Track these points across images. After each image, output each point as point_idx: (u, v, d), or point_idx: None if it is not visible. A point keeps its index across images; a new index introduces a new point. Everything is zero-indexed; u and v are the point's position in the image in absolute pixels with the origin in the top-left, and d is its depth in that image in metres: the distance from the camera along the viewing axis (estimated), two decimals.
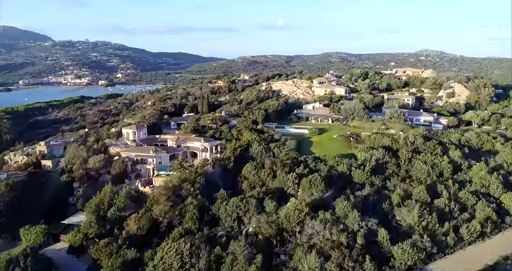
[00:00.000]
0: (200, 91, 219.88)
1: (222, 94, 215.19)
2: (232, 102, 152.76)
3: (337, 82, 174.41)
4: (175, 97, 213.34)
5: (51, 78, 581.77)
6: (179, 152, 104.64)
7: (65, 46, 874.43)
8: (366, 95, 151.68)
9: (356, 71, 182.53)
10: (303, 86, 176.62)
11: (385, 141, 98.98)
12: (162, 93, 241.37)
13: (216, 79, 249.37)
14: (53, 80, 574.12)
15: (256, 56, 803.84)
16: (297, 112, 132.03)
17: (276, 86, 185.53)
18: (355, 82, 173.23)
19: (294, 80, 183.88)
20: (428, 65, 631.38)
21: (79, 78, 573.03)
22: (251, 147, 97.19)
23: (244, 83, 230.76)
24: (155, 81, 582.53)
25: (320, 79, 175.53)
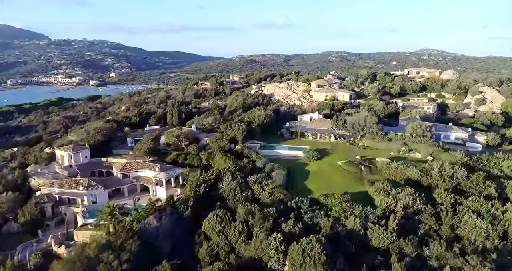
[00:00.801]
0: (182, 94, 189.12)
1: (208, 98, 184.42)
2: (212, 110, 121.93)
3: (339, 86, 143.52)
4: (153, 101, 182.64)
5: (41, 77, 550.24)
6: (125, 186, 74.20)
7: (61, 45, 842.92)
8: (376, 102, 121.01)
9: (362, 72, 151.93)
10: (300, 90, 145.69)
11: (411, 173, 68.46)
12: (142, 95, 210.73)
13: (203, 80, 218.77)
14: (42, 79, 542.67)
15: (254, 55, 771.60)
16: (290, 125, 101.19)
17: (267, 89, 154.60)
18: (361, 85, 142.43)
19: (289, 83, 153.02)
20: (430, 64, 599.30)
21: (70, 78, 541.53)
22: (222, 182, 66.83)
23: (233, 85, 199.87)
24: (149, 81, 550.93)
25: (319, 81, 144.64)
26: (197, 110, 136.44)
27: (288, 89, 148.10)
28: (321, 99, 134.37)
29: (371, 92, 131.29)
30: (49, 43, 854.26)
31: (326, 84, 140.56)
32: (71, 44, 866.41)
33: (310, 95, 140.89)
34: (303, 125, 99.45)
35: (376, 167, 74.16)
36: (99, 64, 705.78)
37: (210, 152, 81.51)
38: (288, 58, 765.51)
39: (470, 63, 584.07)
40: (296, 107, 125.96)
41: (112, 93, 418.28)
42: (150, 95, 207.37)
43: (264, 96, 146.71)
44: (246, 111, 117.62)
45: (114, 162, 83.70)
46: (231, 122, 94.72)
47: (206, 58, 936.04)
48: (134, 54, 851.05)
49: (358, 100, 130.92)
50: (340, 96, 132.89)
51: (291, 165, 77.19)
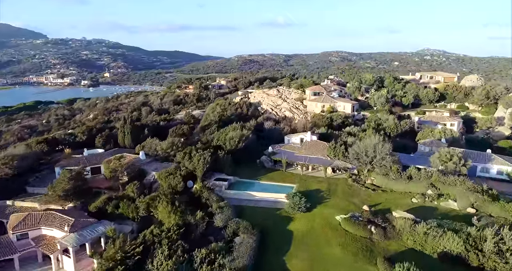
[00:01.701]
0: (160, 100, 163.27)
1: (189, 105, 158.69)
2: (180, 127, 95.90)
3: (339, 93, 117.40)
4: (126, 109, 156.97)
5: (32, 77, 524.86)
6: (16, 254, 48.46)
7: (57, 44, 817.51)
8: (385, 116, 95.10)
9: (366, 76, 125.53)
10: (292, 99, 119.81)
11: (450, 244, 42.83)
12: (119, 100, 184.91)
13: (187, 83, 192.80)
14: (33, 80, 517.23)
15: (254, 55, 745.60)
16: (273, 150, 75.01)
17: (254, 97, 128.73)
18: (366, 93, 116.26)
19: (280, 89, 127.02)
20: (434, 65, 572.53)
21: (62, 78, 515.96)
22: (152, 259, 41.24)
23: (220, 89, 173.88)
24: (143, 81, 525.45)
25: (315, 88, 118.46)
26: (167, 123, 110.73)
27: (278, 97, 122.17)
28: (317, 110, 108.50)
29: (378, 102, 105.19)
30: (46, 42, 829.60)
31: (323, 92, 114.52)
32: (68, 43, 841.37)
33: (304, 105, 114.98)
34: (291, 151, 73.35)
35: (394, 228, 48.30)
36: (94, 63, 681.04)
37: (152, 197, 55.71)
38: (288, 58, 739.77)
39: (475, 64, 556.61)
40: (285, 124, 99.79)
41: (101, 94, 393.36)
42: (127, 101, 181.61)
43: (249, 105, 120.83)
44: (225, 126, 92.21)
45: (20, 207, 58.22)
46: (192, 148, 68.69)
47: (205, 57, 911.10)
48: (132, 53, 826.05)
49: (362, 112, 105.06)
50: (340, 107, 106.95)
51: (268, 221, 51.39)
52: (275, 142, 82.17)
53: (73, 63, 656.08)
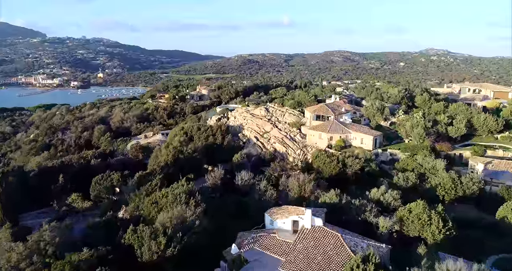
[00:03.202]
0: (123, 115, 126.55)
1: (157, 121, 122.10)
2: (105, 179, 59.15)
3: (353, 116, 79.99)
4: (76, 127, 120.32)
5: (21, 78, 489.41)
6: None
7: (54, 43, 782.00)
8: (428, 159, 58.35)
9: (391, 91, 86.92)
10: (285, 123, 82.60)
11: None
12: (83, 112, 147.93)
13: (164, 92, 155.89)
14: (22, 80, 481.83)
15: (254, 55, 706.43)
16: (240, 250, 37.92)
17: (235, 117, 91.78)
18: (392, 116, 78.74)
19: (270, 108, 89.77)
20: (441, 66, 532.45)
21: (51, 79, 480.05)
22: None
23: (200, 100, 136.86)
24: (137, 82, 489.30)
25: (319, 109, 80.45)
26: (101, 161, 73.49)
27: (267, 120, 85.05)
28: (322, 143, 71.55)
29: (413, 134, 67.80)
30: (43, 41, 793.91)
31: (330, 115, 77.16)
32: (65, 42, 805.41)
33: (302, 133, 77.87)
34: (272, 255, 36.56)
35: None
36: (90, 63, 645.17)
37: None
38: (289, 58, 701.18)
39: (484, 65, 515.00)
40: (275, 168, 62.82)
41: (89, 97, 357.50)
42: (89, 113, 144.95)
43: (226, 131, 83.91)
44: (181, 171, 56.29)
45: None
46: None
47: (204, 57, 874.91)
48: (130, 52, 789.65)
49: (388, 148, 67.91)
50: (356, 140, 69.94)
51: None
52: (255, 211, 45.69)
53: (67, 62, 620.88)
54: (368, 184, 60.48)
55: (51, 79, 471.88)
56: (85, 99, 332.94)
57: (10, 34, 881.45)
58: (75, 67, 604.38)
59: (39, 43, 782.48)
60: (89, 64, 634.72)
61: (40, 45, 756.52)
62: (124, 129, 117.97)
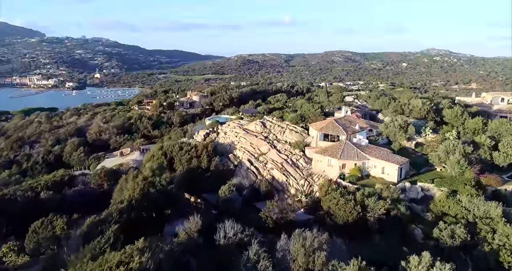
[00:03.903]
0: (104, 125, 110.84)
1: (140, 133, 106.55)
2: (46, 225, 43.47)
3: (369, 135, 64.07)
4: (46, 139, 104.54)
5: (15, 78, 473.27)
6: None
7: (53, 42, 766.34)
8: (477, 201, 42.78)
9: (414, 102, 69.90)
10: (285, 143, 66.73)
11: None
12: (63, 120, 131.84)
13: (151, 98, 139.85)
14: (17, 81, 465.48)
15: (254, 55, 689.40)
16: None
17: (226, 133, 75.91)
18: (418, 135, 62.53)
19: (267, 122, 73.85)
20: (445, 67, 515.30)
21: (46, 80, 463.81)
22: None
23: (190, 108, 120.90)
24: (134, 83, 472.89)
25: (326, 125, 63.96)
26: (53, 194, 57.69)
27: (263, 138, 69.20)
28: (331, 172, 55.79)
29: (450, 163, 51.94)
30: (41, 41, 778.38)
31: (341, 134, 61.20)
32: (63, 42, 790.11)
33: (306, 157, 61.95)
34: None
35: None
36: (87, 63, 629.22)
37: None
38: (289, 58, 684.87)
39: (489, 65, 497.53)
40: (271, 209, 47.15)
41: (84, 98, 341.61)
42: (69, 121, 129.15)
43: (213, 151, 68.14)
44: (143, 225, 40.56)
45: None
46: None
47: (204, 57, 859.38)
48: (129, 52, 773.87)
49: (419, 182, 52.03)
50: (376, 169, 54.18)
51: None
52: None
53: (64, 63, 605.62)
54: (395, 231, 45.22)
55: (46, 80, 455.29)
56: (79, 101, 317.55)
57: (8, 34, 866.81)
58: (72, 67, 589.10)
59: (37, 43, 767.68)
60: (87, 65, 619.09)
61: (38, 45, 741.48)
62: (102, 142, 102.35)
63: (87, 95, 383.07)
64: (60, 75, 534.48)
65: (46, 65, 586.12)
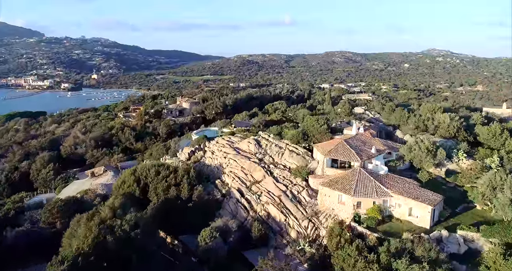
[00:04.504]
0: (82, 136, 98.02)
1: (122, 145, 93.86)
2: None
3: (386, 159, 51.28)
4: (13, 154, 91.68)
5: (10, 79, 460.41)
6: None
7: (51, 43, 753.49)
8: None
9: (440, 117, 56.49)
10: (284, 169, 53.90)
11: None
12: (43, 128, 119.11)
13: (139, 105, 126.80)
14: (12, 82, 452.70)
15: (253, 55, 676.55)
16: None
17: (213, 152, 62.98)
18: (449, 160, 49.52)
19: (262, 141, 61.04)
20: (447, 67, 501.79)
21: (42, 81, 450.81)
22: None
23: (179, 116, 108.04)
24: (131, 84, 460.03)
25: (335, 147, 50.78)
26: None
27: (257, 161, 56.41)
28: (344, 211, 43.14)
29: (499, 204, 39.29)
30: (39, 41, 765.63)
31: (354, 160, 48.27)
32: (62, 42, 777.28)
33: (310, 189, 49.19)
34: None
35: None
36: (85, 63, 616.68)
37: None
38: (289, 59, 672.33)
39: (492, 66, 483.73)
40: (265, 269, 34.46)
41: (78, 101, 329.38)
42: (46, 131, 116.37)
43: (195, 178, 55.38)
44: None
45: None
46: None
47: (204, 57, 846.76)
48: (127, 52, 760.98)
49: (459, 231, 39.06)
50: (401, 208, 41.45)
51: None
52: None
53: (62, 63, 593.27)
54: None
55: (41, 81, 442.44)
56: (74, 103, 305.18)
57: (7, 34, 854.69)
58: (69, 67, 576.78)
59: (36, 43, 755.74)
60: (85, 65, 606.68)
61: (37, 45, 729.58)
62: (77, 156, 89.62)
63: (82, 97, 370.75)
64: (57, 76, 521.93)
65: (43, 65, 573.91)
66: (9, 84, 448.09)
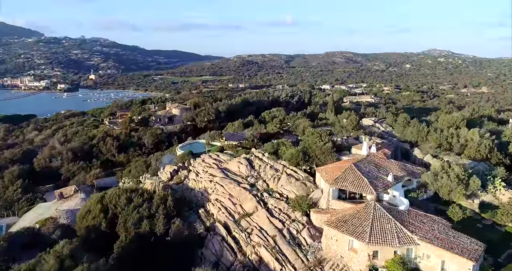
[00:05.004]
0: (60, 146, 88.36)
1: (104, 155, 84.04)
2: None
3: (406, 186, 41.53)
4: None
5: (6, 80, 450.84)
6: None
7: (50, 42, 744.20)
8: None
9: (469, 134, 46.37)
10: (281, 198, 44.17)
11: None
12: (12, 138, 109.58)
13: (126, 110, 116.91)
14: (8, 82, 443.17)
15: (253, 55, 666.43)
16: None
17: (198, 175, 53.07)
18: (482, 189, 40.01)
19: (255, 161, 51.35)
20: (450, 68, 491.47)
21: (38, 81, 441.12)
22: None
23: (169, 123, 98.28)
24: (128, 85, 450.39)
25: (344, 179, 41.10)
26: None
27: (248, 187, 46.67)
28: (355, 260, 33.47)
29: None
30: (38, 41, 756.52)
31: (367, 192, 38.46)
32: (61, 42, 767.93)
33: (312, 227, 39.55)
34: None
35: None
36: (83, 64, 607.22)
37: None
38: (289, 59, 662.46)
39: (495, 67, 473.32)
40: None
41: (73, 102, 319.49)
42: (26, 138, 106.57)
43: (174, 205, 45.56)
44: None
45: None
46: None
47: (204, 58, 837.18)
48: (126, 53, 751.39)
49: None
50: (430, 261, 31.75)
51: None
52: None
53: (59, 63, 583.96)
54: None
55: (38, 81, 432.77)
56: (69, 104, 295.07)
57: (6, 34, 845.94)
58: (67, 68, 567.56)
59: (34, 43, 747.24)
60: (83, 65, 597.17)
61: (35, 45, 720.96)
62: (52, 171, 79.89)
63: (78, 98, 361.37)
64: (54, 76, 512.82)
65: (40, 65, 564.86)
66: (5, 85, 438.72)
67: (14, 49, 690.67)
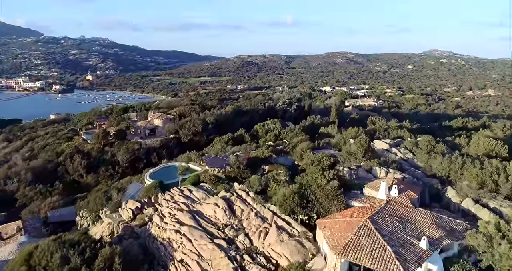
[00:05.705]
0: (20, 163, 75.61)
1: (70, 176, 70.95)
2: None
3: (443, 252, 28.99)
4: None
5: (1, 81, 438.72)
6: None
7: (49, 42, 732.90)
8: None
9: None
10: (266, 263, 31.59)
11: None
12: None
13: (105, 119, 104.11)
14: (3, 83, 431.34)
15: (253, 56, 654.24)
16: None
17: (163, 219, 40.14)
18: None
19: (236, 204, 38.85)
20: (453, 69, 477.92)
21: (33, 82, 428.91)
22: None
23: (150, 136, 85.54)
24: (125, 86, 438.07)
25: (353, 244, 28.71)
26: None
27: (225, 244, 34.04)
28: None
29: None
30: (37, 41, 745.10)
31: (396, 269, 25.97)
32: (60, 42, 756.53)
33: None
34: None
35: None
36: (81, 64, 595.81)
37: None
38: (290, 60, 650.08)
39: (499, 68, 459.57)
40: None
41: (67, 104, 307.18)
42: None
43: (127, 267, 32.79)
44: None
45: None
46: None
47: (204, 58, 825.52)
48: (126, 53, 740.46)
49: None
50: None
51: None
52: None
53: (57, 63, 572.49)
54: None
55: (33, 82, 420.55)
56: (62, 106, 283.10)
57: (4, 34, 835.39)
58: (64, 68, 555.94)
59: (33, 43, 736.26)
60: (81, 65, 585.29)
61: (33, 45, 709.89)
62: (6, 195, 67.33)
63: (72, 100, 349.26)
64: (51, 76, 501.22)
65: (37, 66, 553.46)
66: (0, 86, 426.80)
67: (12, 49, 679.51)
